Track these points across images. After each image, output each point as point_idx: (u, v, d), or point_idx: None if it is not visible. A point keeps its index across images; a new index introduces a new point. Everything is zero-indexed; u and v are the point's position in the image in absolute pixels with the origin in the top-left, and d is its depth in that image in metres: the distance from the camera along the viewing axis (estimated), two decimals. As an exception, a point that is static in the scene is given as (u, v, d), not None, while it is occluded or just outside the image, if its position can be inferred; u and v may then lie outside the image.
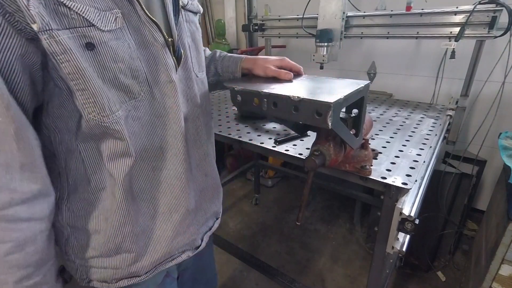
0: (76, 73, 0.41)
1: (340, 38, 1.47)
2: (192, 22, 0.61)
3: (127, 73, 0.47)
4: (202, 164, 0.67)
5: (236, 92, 0.65)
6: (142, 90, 0.49)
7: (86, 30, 0.41)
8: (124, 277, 0.60)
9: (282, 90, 0.60)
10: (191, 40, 0.60)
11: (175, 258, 0.66)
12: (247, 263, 1.58)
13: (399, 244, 0.75)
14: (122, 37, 0.45)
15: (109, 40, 0.43)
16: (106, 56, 0.43)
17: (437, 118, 1.26)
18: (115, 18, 0.44)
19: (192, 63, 0.60)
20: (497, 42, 1.35)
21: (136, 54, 0.47)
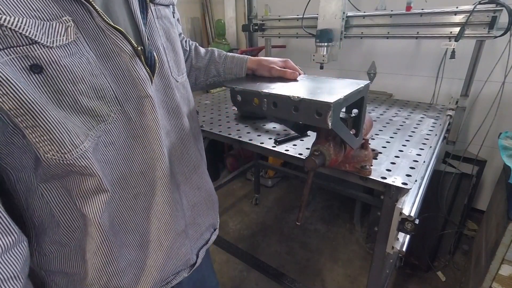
0: (21, 107, 0.32)
1: (340, 38, 1.47)
2: (165, 17, 0.51)
3: (90, 94, 0.38)
4: (192, 178, 0.61)
5: (236, 92, 0.65)
6: (112, 110, 0.41)
7: (28, 49, 0.32)
8: None
9: (282, 90, 0.60)
10: (166, 39, 0.51)
11: (170, 281, 0.61)
12: (247, 263, 1.58)
13: (399, 244, 0.75)
14: (78, 52, 0.36)
15: (60, 58, 0.34)
16: (59, 78, 0.35)
17: (437, 118, 1.26)
18: (66, 29, 0.35)
19: (170, 68, 0.52)
20: (497, 42, 1.35)
21: (99, 70, 0.39)
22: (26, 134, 0.35)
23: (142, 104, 0.44)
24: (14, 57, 0.31)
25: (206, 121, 1.25)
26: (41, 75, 0.33)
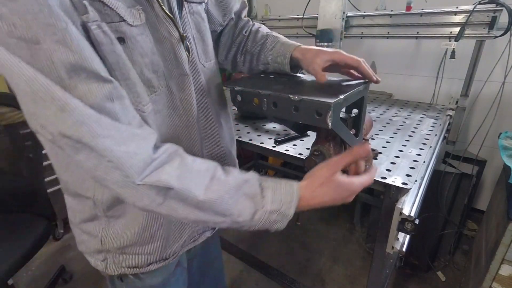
0: (119, 62, 0.42)
1: (340, 38, 1.47)
2: (197, 13, 0.60)
3: (149, 68, 0.48)
4: (214, 152, 0.67)
5: (236, 92, 0.65)
6: (161, 84, 0.51)
7: (118, 25, 0.42)
8: (155, 261, 0.62)
9: (282, 90, 0.60)
10: (196, 31, 0.60)
11: (196, 239, 0.69)
12: (247, 263, 1.58)
13: (399, 244, 0.75)
14: (145, 32, 0.46)
15: (136, 35, 0.44)
16: (134, 50, 0.45)
17: (437, 118, 1.26)
18: (139, 14, 0.45)
19: (198, 55, 0.60)
20: (497, 42, 1.35)
21: (155, 49, 0.48)
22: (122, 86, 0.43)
23: (182, 81, 0.53)
24: (112, 29, 0.41)
25: (206, 121, 1.25)
26: (124, 46, 0.43)
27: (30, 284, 1.68)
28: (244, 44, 0.78)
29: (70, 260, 1.84)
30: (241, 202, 0.46)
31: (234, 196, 0.46)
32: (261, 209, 0.47)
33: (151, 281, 0.65)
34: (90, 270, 1.78)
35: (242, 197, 0.47)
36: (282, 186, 0.49)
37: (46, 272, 1.73)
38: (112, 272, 0.62)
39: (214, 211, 0.45)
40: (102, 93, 0.38)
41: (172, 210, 0.45)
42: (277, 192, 0.48)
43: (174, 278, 0.70)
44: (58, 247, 1.95)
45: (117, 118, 0.40)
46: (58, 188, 1.87)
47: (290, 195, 0.48)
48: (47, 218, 1.30)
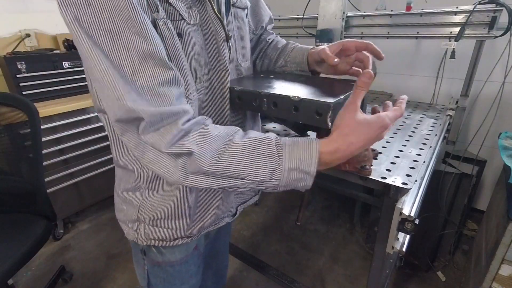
0: (176, 54, 0.49)
1: (340, 38, 1.47)
2: (240, 17, 0.66)
3: (198, 61, 0.54)
4: None
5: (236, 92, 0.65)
6: (204, 76, 0.57)
7: (179, 22, 0.49)
8: (180, 237, 0.67)
9: (282, 90, 0.60)
10: (238, 33, 0.66)
11: (218, 223, 0.74)
12: (247, 263, 1.58)
13: (399, 244, 0.75)
14: (198, 31, 0.53)
15: (192, 32, 0.51)
16: (188, 45, 0.51)
17: (437, 118, 1.26)
18: (195, 15, 0.52)
19: (237, 54, 0.66)
20: (497, 42, 1.35)
21: (204, 46, 0.55)
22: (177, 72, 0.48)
23: (223, 75, 0.59)
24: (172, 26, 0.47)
25: (206, 121, 1.24)
26: (180, 40, 0.49)
27: (30, 284, 1.68)
28: (265, 50, 0.85)
29: (70, 260, 1.84)
30: (257, 163, 0.46)
31: (248, 157, 0.46)
32: (278, 167, 0.47)
33: (170, 256, 0.71)
34: (90, 270, 1.79)
35: (258, 157, 0.47)
36: (300, 143, 0.48)
37: (46, 272, 1.73)
38: (141, 242, 0.68)
39: (230, 174, 0.47)
40: (165, 78, 0.44)
41: (196, 180, 0.47)
42: (295, 150, 0.47)
43: (191, 259, 0.76)
44: (58, 247, 1.95)
45: (170, 102, 0.45)
46: (58, 188, 1.89)
47: (309, 152, 0.47)
48: (47, 218, 1.30)
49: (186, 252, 0.73)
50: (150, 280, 0.76)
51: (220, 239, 1.00)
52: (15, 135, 1.23)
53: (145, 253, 0.72)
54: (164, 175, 0.47)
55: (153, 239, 0.67)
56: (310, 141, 0.49)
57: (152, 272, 0.74)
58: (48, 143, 1.79)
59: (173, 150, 0.45)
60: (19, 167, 1.29)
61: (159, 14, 0.45)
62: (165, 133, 0.44)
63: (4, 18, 1.95)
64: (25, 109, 1.19)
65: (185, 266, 0.75)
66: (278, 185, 0.48)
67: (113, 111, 0.44)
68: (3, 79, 1.93)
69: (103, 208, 2.33)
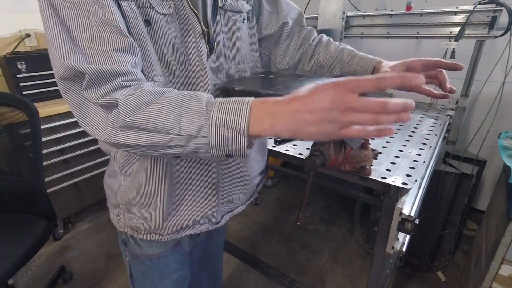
0: (139, 35, 0.51)
1: (340, 38, 1.47)
2: (232, 20, 0.67)
3: (170, 51, 0.56)
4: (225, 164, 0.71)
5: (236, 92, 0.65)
6: (180, 68, 0.58)
7: (147, 10, 0.52)
8: (150, 231, 0.69)
9: (282, 90, 0.60)
10: (229, 35, 0.67)
11: (195, 227, 0.73)
12: (247, 263, 1.58)
13: (399, 244, 0.75)
14: (172, 22, 0.55)
15: (162, 21, 0.54)
16: (157, 32, 0.54)
17: (437, 118, 1.26)
18: (169, 6, 0.54)
19: (225, 56, 0.66)
20: (497, 42, 1.35)
21: (180, 38, 0.57)
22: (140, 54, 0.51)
23: (199, 70, 0.60)
24: (140, 12, 0.51)
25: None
26: (149, 27, 0.52)
27: (30, 284, 1.68)
28: (312, 53, 0.81)
29: (70, 260, 1.85)
30: (184, 117, 0.44)
31: (175, 110, 0.44)
32: (206, 122, 0.43)
33: (148, 250, 0.73)
34: (90, 270, 1.79)
35: (185, 111, 0.44)
36: (232, 100, 0.44)
37: (46, 272, 1.73)
38: (120, 228, 0.72)
39: (155, 128, 0.44)
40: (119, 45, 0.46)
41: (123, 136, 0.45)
42: (225, 105, 0.43)
43: (172, 256, 0.77)
44: (58, 247, 1.95)
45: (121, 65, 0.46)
46: (58, 188, 1.88)
47: (240, 107, 0.43)
48: (47, 218, 1.30)
49: (165, 248, 0.74)
50: (132, 273, 0.79)
51: (213, 241, 1.01)
52: (15, 135, 1.23)
53: (125, 244, 0.75)
54: (96, 132, 0.47)
55: (128, 226, 0.70)
56: (243, 98, 0.44)
57: (132, 264, 0.78)
58: (48, 143, 1.79)
59: (102, 101, 0.44)
60: (19, 167, 1.29)
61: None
62: (102, 86, 0.45)
63: (4, 18, 1.95)
64: (25, 109, 1.19)
65: (164, 261, 0.76)
66: (208, 144, 0.44)
67: (56, 68, 0.45)
68: (3, 79, 1.93)
69: (103, 208, 2.33)
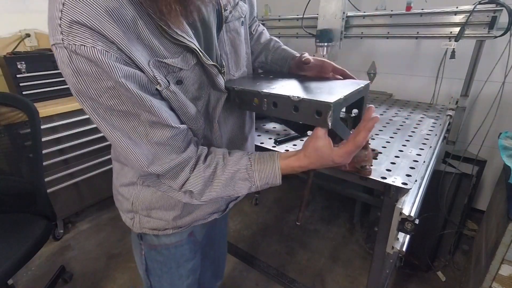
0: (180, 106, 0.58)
1: (340, 38, 1.47)
2: (233, 30, 0.69)
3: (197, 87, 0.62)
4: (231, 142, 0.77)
5: (236, 92, 0.65)
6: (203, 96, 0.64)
7: (177, 73, 0.57)
8: (171, 227, 0.75)
9: (282, 90, 0.60)
10: (231, 46, 0.69)
11: (206, 219, 0.80)
12: (247, 263, 1.58)
13: (399, 244, 0.75)
14: (195, 71, 0.60)
15: (189, 74, 0.59)
16: (188, 84, 0.59)
17: (437, 118, 1.26)
18: (192, 57, 0.58)
19: (230, 67, 0.70)
20: (497, 42, 1.35)
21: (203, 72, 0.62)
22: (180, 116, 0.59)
23: (219, 96, 0.65)
24: (171, 76, 0.56)
25: (206, 121, 1.25)
26: (181, 85, 0.58)
27: (30, 284, 1.68)
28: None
29: (70, 260, 1.85)
30: (237, 186, 0.63)
31: (230, 185, 0.62)
32: (253, 185, 0.63)
33: (165, 240, 0.78)
34: (90, 270, 1.79)
35: (237, 183, 0.62)
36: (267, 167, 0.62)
37: (46, 272, 1.73)
38: (136, 230, 0.76)
39: (221, 197, 0.64)
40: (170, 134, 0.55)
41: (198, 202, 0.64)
42: (262, 174, 0.62)
43: (186, 244, 0.82)
44: (58, 247, 1.95)
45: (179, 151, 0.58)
46: (58, 188, 1.89)
47: (273, 173, 0.62)
48: (47, 218, 1.30)
49: (181, 237, 0.80)
50: (148, 265, 0.82)
51: (216, 228, 1.06)
52: (15, 135, 1.23)
53: (141, 238, 0.79)
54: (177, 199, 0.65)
55: (146, 228, 0.75)
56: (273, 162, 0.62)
57: (149, 256, 0.81)
58: (48, 143, 1.79)
59: (181, 191, 0.62)
60: (19, 167, 1.29)
61: (161, 85, 0.53)
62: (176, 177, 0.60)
63: (4, 18, 1.95)
64: (25, 109, 1.19)
65: (180, 250, 0.81)
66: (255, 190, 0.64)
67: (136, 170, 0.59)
68: (3, 79, 1.93)
69: (103, 208, 2.33)
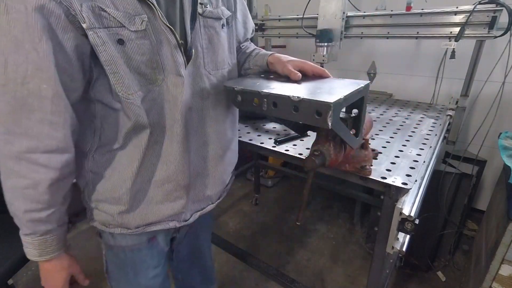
0: (110, 60, 0.54)
1: (340, 38, 1.47)
2: (211, 27, 0.68)
3: (148, 65, 0.58)
4: (200, 151, 0.74)
5: (236, 92, 0.65)
6: (158, 78, 0.61)
7: (119, 29, 0.53)
8: (118, 225, 0.72)
9: (282, 90, 0.60)
10: (208, 42, 0.68)
11: (162, 223, 0.75)
12: (247, 263, 1.58)
13: (399, 244, 0.75)
14: (146, 37, 0.56)
15: (135, 39, 0.55)
16: (132, 50, 0.55)
17: (437, 118, 1.26)
18: (141, 22, 0.55)
19: (204, 63, 0.68)
20: (497, 42, 1.35)
21: (157, 51, 0.58)
22: (111, 77, 0.56)
23: (176, 79, 0.62)
24: (111, 33, 0.53)
25: (206, 121, 1.25)
26: (123, 46, 0.54)
27: (30, 284, 1.68)
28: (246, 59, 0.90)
29: (70, 260, 1.84)
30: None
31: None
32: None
33: (121, 241, 0.76)
34: (90, 271, 1.78)
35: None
36: None
37: (46, 272, 1.73)
38: (91, 222, 0.75)
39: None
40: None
41: None
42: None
43: (148, 251, 0.80)
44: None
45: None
46: (58, 188, 1.88)
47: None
48: (47, 218, 1.30)
49: (139, 241, 0.77)
50: (108, 267, 0.83)
51: (200, 238, 1.04)
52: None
53: (100, 236, 0.78)
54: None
55: (96, 221, 0.74)
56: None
57: (108, 256, 0.81)
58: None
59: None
60: (19, 167, 1.28)
61: (87, 24, 0.50)
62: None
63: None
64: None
65: (138, 255, 0.79)
66: None
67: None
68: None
69: (103, 208, 2.33)
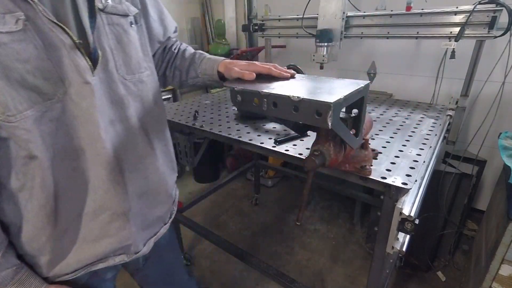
0: None
1: (340, 38, 1.47)
2: (118, 24, 0.59)
3: (36, 74, 0.46)
4: (138, 167, 0.65)
5: (236, 92, 0.65)
6: (57, 91, 0.49)
7: None
8: (54, 276, 0.61)
9: (282, 90, 0.60)
10: (116, 42, 0.59)
11: (107, 260, 0.66)
12: (247, 263, 1.58)
13: (399, 244, 0.75)
14: (27, 39, 0.45)
15: (10, 42, 0.43)
16: (8, 57, 0.43)
17: (437, 118, 1.26)
18: (16, 21, 0.43)
19: (116, 66, 0.59)
20: (497, 42, 1.35)
21: (46, 55, 0.47)
22: None
23: (83, 89, 0.51)
24: None
25: (206, 121, 1.25)
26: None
27: None
28: (173, 61, 0.85)
29: (70, 260, 1.84)
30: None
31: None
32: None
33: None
34: (90, 270, 1.79)
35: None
36: None
37: (46, 272, 1.73)
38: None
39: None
40: None
41: None
42: None
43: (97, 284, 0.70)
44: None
45: None
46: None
47: None
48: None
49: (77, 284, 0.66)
50: None
51: (166, 258, 0.92)
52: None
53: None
54: None
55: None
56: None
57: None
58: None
59: None
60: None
61: None
62: None
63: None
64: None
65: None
66: None
67: None
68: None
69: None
